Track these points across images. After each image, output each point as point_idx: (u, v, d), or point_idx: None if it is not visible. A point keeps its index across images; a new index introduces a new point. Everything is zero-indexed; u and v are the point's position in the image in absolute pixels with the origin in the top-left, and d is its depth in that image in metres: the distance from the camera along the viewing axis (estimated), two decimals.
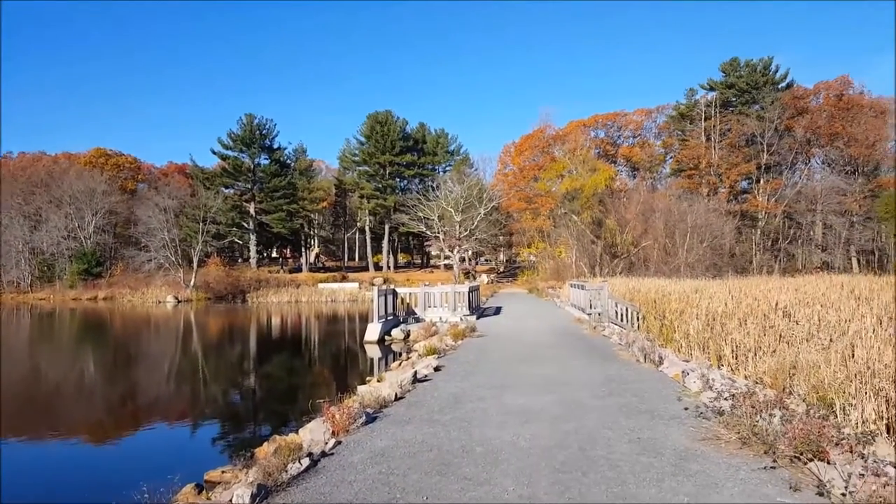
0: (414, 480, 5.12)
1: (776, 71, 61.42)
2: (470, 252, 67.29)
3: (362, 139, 75.90)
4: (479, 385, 9.45)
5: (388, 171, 73.98)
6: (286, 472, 5.35)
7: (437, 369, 10.94)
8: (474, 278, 56.32)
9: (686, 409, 7.53)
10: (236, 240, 67.66)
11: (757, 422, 6.04)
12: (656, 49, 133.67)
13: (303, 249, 77.20)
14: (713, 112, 60.08)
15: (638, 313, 16.51)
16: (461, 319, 20.60)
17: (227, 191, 68.20)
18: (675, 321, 13.96)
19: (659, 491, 4.78)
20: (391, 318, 21.07)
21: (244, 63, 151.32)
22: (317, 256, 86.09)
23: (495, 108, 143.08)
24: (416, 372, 10.09)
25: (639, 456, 5.68)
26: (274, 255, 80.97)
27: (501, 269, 77.01)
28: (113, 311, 42.85)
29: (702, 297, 16.92)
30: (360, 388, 9.92)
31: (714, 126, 59.49)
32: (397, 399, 8.46)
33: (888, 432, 5.98)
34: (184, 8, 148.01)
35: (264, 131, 68.86)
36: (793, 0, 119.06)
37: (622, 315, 17.57)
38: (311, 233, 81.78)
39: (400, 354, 16.37)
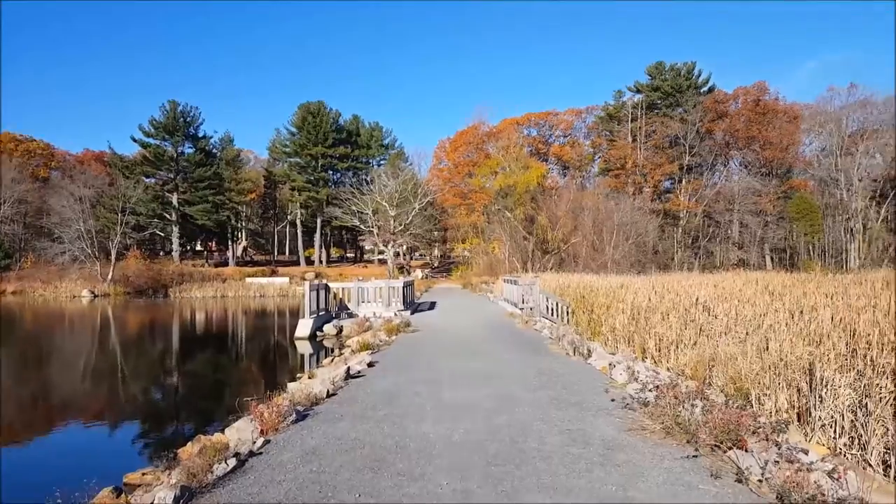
0: (346, 478, 5.02)
1: (699, 75, 64.40)
2: (404, 247, 67.16)
3: (293, 130, 74.17)
4: (414, 380, 9.40)
5: (320, 164, 72.59)
6: (212, 472, 5.13)
7: (370, 365, 10.81)
8: (409, 273, 56.27)
9: (613, 400, 7.75)
10: (158, 232, 64.57)
11: (680, 412, 6.28)
12: (587, 50, 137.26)
13: (229, 242, 74.63)
14: (639, 114, 62.36)
15: (568, 308, 16.91)
16: (395, 315, 20.49)
17: (148, 180, 64.91)
18: (602, 315, 14.38)
19: (588, 481, 4.89)
20: (323, 313, 20.69)
21: (170, 49, 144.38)
22: (244, 250, 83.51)
23: (430, 104, 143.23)
24: (349, 368, 9.93)
25: (569, 447, 5.80)
26: (198, 248, 77.87)
27: (436, 265, 77.28)
28: (23, 306, 40.00)
29: (627, 292, 17.50)
30: (291, 386, 9.66)
31: (640, 127, 61.76)
32: (329, 396, 8.29)
33: (799, 421, 6.35)
34: None
35: (188, 119, 65.98)
36: (715, 2, 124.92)
37: (553, 310, 17.95)
38: (239, 225, 79.25)
39: (332, 351, 16.09)
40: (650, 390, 7.63)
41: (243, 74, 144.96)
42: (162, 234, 66.71)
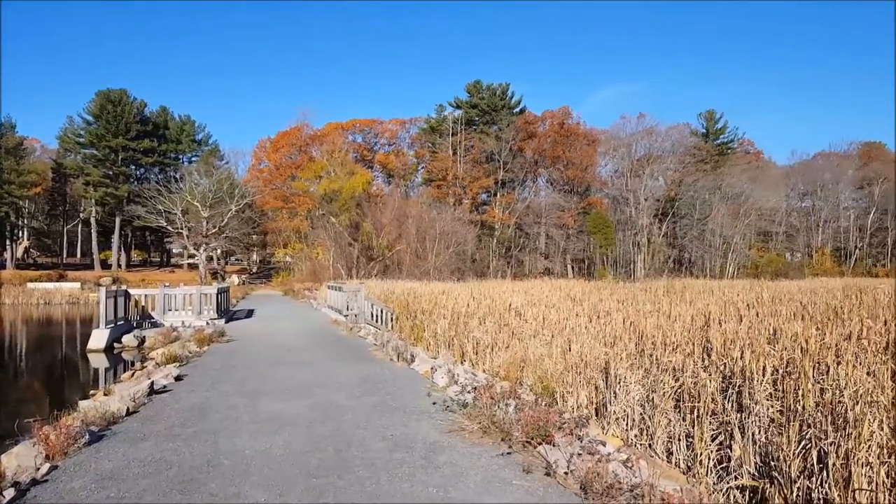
0: (149, 503, 4.48)
1: (512, 96, 69.35)
2: (219, 251, 62.96)
3: (90, 118, 65.98)
4: (228, 393, 8.75)
5: (121, 157, 65.42)
6: None
7: (178, 379, 9.85)
8: (223, 279, 52.70)
9: (435, 403, 7.89)
10: None
11: (495, 412, 6.57)
12: (410, 62, 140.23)
13: (8, 242, 63.98)
14: (459, 129, 65.39)
15: (392, 314, 17.03)
16: (208, 324, 19.03)
17: None
18: (425, 321, 14.69)
19: (411, 485, 4.91)
20: (122, 323, 18.54)
21: None
22: (26, 251, 72.30)
23: (250, 101, 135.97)
24: (152, 382, 8.94)
25: (392, 453, 5.79)
26: None
27: (255, 270, 73.46)
28: None
29: (448, 298, 18.17)
30: (83, 404, 8.42)
31: (460, 142, 64.77)
32: (130, 413, 7.39)
33: (597, 415, 6.98)
34: None
35: None
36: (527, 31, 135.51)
37: (377, 316, 17.97)
38: (20, 223, 68.43)
39: (133, 364, 14.45)
40: (469, 392, 7.90)
41: (29, 52, 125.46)
42: None
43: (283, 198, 60.73)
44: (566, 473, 5.07)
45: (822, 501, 4.25)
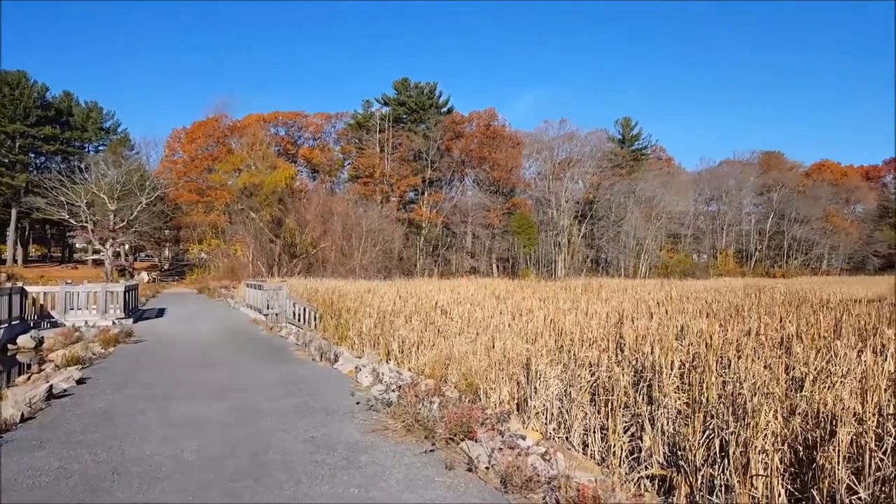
0: None
1: (440, 96, 69.69)
2: (127, 246, 59.62)
3: None
4: (137, 397, 8.32)
5: (17, 144, 60.50)
6: None
7: (81, 382, 9.27)
8: (132, 276, 49.86)
9: (358, 403, 7.83)
10: None
11: (420, 410, 6.61)
12: (336, 56, 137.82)
13: None
14: (387, 126, 65.03)
15: (315, 313, 16.75)
16: (114, 323, 18.00)
17: None
18: (350, 320, 14.55)
19: (332, 486, 4.87)
20: (17, 322, 17.22)
21: None
22: None
23: (164, 89, 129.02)
24: (51, 386, 8.37)
25: (313, 454, 5.71)
26: None
27: (167, 267, 69.95)
28: None
29: (374, 296, 18.07)
30: None
31: (387, 139, 64.42)
32: (25, 420, 6.89)
33: (518, 410, 7.16)
34: None
35: None
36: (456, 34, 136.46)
37: (300, 315, 17.61)
38: None
39: (29, 366, 13.44)
40: (393, 391, 7.90)
41: None
42: None
43: (199, 191, 58.23)
44: (487, 468, 5.18)
45: (723, 487, 4.54)
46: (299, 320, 17.46)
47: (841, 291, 21.72)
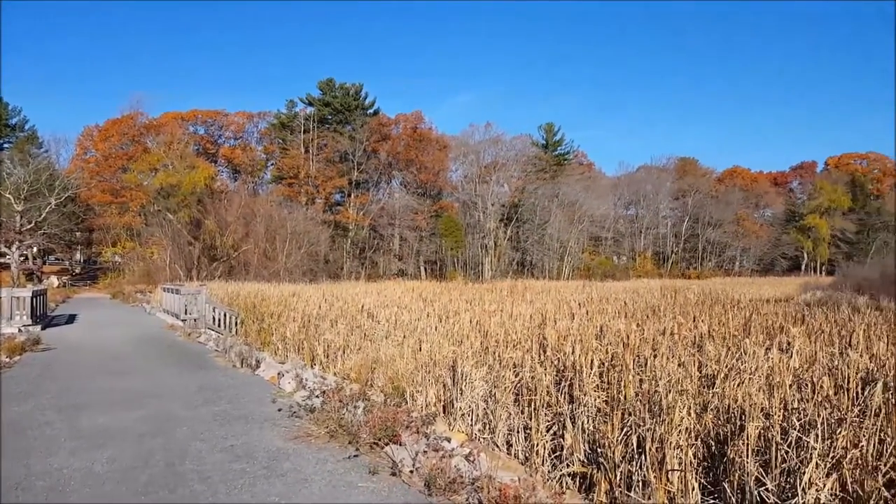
0: None
1: (366, 97, 68.99)
2: (35, 249, 55.58)
3: None
4: (44, 407, 7.78)
5: None
6: None
7: None
8: (41, 281, 46.50)
9: (280, 410, 7.64)
10: None
11: (343, 415, 6.52)
12: (259, 53, 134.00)
13: None
14: (312, 126, 63.81)
15: (236, 318, 16.21)
16: (20, 331, 16.70)
17: None
18: (273, 325, 14.18)
19: (251, 496, 4.76)
20: None
21: None
22: None
23: (76, 86, 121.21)
24: None
25: (231, 463, 5.54)
26: None
27: (78, 271, 65.66)
28: None
29: (299, 300, 17.70)
30: None
31: (312, 140, 63.21)
32: None
33: (444, 412, 7.19)
34: None
35: None
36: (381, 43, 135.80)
37: (220, 320, 16.99)
38: None
39: None
40: (317, 396, 7.74)
41: None
42: None
43: (113, 191, 55.07)
44: (412, 472, 5.16)
45: (641, 483, 4.72)
46: (219, 325, 16.84)
47: (751, 292, 23.20)
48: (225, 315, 16.82)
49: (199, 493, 4.80)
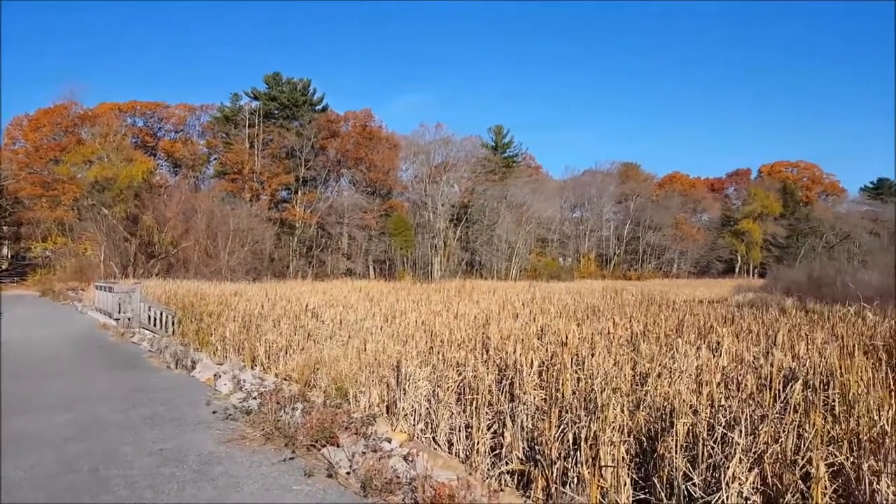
0: None
1: (314, 93, 67.91)
2: None
3: None
4: None
5: None
6: None
7: None
8: None
9: (215, 412, 7.43)
10: None
11: (281, 417, 6.39)
12: (205, 45, 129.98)
13: None
14: (257, 121, 62.34)
15: (173, 317, 15.69)
16: None
17: None
18: (212, 324, 13.80)
19: (180, 500, 4.62)
20: None
21: None
22: None
23: (4, 71, 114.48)
24: None
25: (160, 468, 5.36)
26: None
27: (5, 267, 62.13)
28: None
29: (241, 299, 17.27)
30: None
31: (258, 135, 61.75)
32: None
33: (387, 413, 7.14)
34: None
35: None
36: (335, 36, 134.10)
37: (156, 320, 16.40)
38: None
39: None
40: (255, 398, 7.56)
41: None
42: None
43: (44, 184, 52.32)
44: (348, 473, 5.10)
45: (577, 479, 4.81)
46: (155, 325, 16.26)
47: (686, 293, 24.03)
48: (161, 314, 16.25)
49: (123, 497, 4.62)
